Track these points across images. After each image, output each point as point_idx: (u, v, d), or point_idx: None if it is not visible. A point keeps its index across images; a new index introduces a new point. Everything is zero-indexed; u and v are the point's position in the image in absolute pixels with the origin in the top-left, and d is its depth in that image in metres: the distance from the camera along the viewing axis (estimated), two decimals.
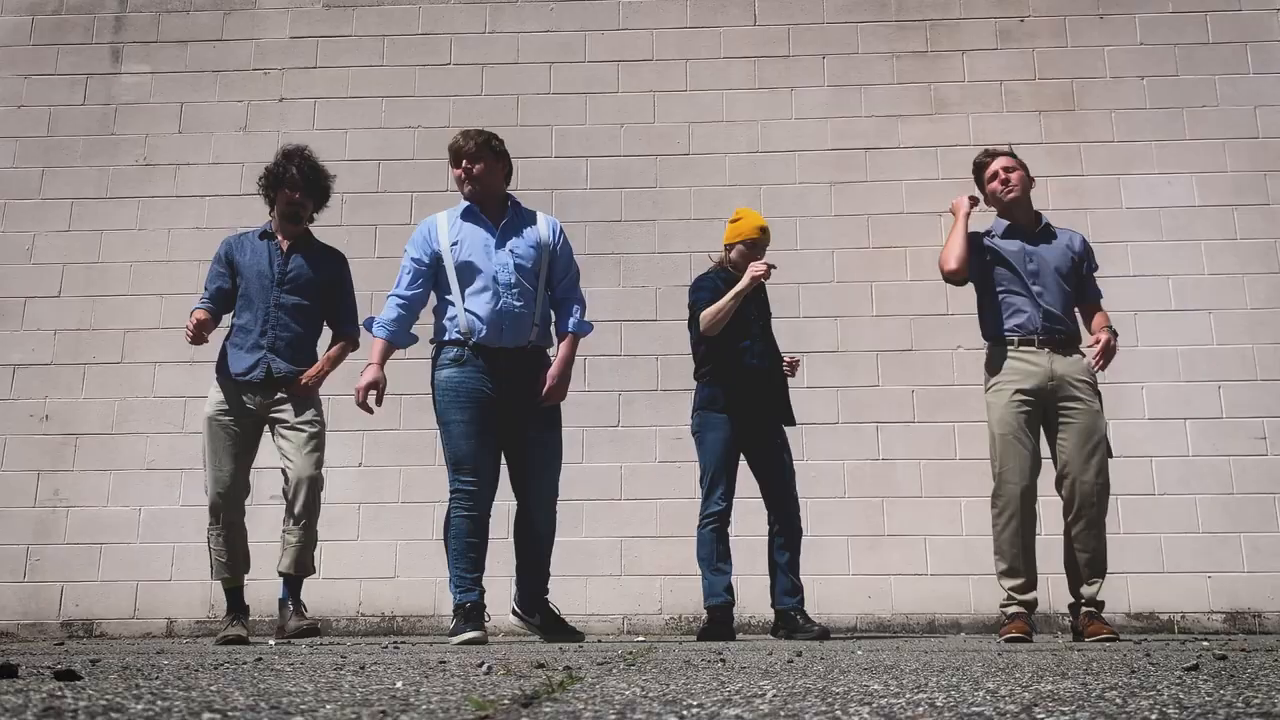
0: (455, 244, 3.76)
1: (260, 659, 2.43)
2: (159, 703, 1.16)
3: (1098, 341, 3.78)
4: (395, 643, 3.88)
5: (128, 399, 5.58)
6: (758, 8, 6.01)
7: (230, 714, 1.04)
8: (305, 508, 3.88)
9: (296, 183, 4.02)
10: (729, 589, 4.00)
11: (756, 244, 4.24)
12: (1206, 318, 5.41)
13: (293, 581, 3.93)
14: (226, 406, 3.92)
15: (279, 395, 3.94)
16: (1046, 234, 3.91)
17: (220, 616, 5.21)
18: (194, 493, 5.44)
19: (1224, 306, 5.42)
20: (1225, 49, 5.76)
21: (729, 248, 4.31)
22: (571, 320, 3.89)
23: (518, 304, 3.72)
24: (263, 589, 5.33)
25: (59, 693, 1.27)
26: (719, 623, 3.96)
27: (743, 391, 4.12)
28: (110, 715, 1.01)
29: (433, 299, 3.87)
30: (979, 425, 5.30)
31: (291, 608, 3.91)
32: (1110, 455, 3.74)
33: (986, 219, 4.02)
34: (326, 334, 4.23)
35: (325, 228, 5.63)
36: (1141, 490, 5.21)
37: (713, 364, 4.19)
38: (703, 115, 5.85)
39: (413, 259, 3.80)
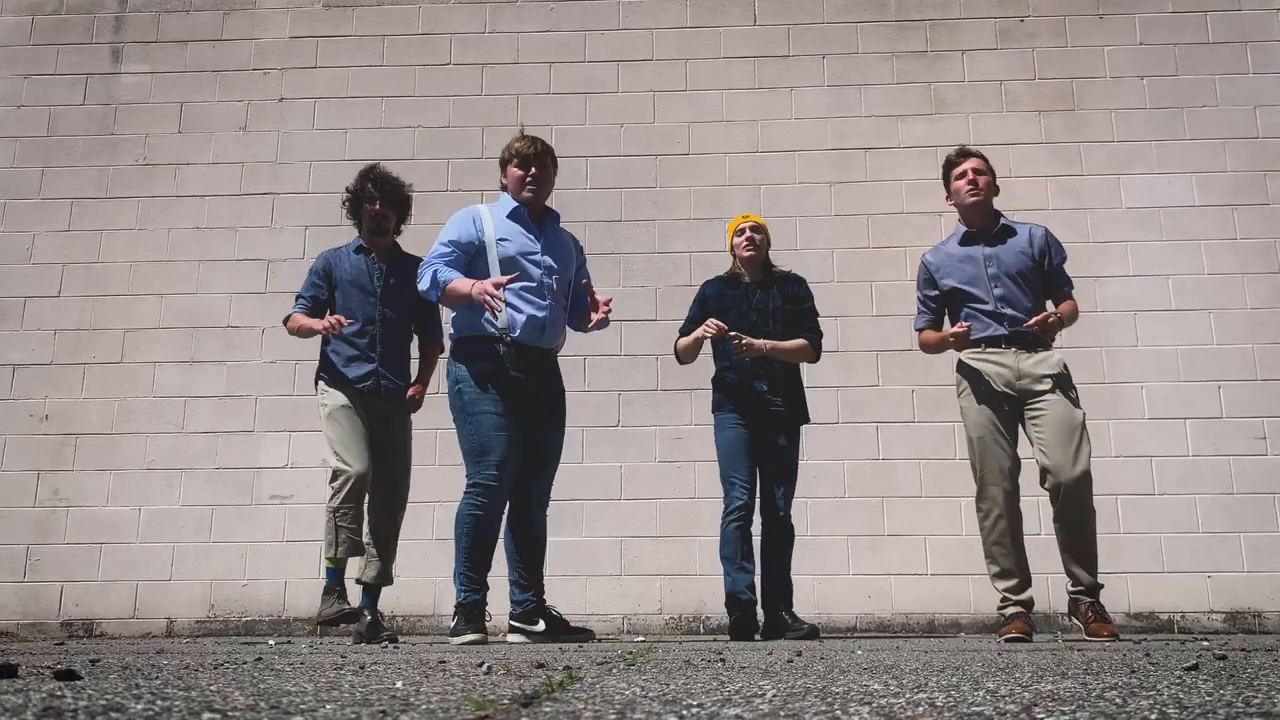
0: (502, 239, 3.78)
1: (260, 659, 2.43)
2: (159, 703, 1.16)
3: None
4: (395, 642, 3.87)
5: (128, 399, 5.58)
6: (758, 8, 6.01)
7: (230, 714, 1.04)
8: (394, 528, 4.04)
9: (374, 195, 4.14)
10: (751, 587, 3.99)
11: (740, 233, 4.29)
12: (1206, 318, 5.41)
13: (374, 591, 4.02)
14: (348, 402, 3.99)
15: (386, 407, 4.05)
16: (1005, 234, 3.91)
17: (221, 616, 5.22)
18: (194, 492, 5.45)
19: (1224, 306, 5.42)
20: (1225, 49, 5.76)
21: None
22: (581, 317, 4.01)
23: (557, 307, 3.83)
24: (264, 589, 5.34)
25: (59, 693, 1.27)
26: (744, 620, 3.95)
27: (737, 395, 4.16)
28: (110, 715, 1.01)
29: None
30: None
31: (369, 616, 3.98)
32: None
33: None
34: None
35: (326, 227, 5.64)
36: (1141, 490, 5.21)
37: (717, 366, 4.29)
38: (703, 115, 5.85)
39: (454, 242, 3.76)
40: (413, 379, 4.20)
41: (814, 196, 5.70)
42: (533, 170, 3.84)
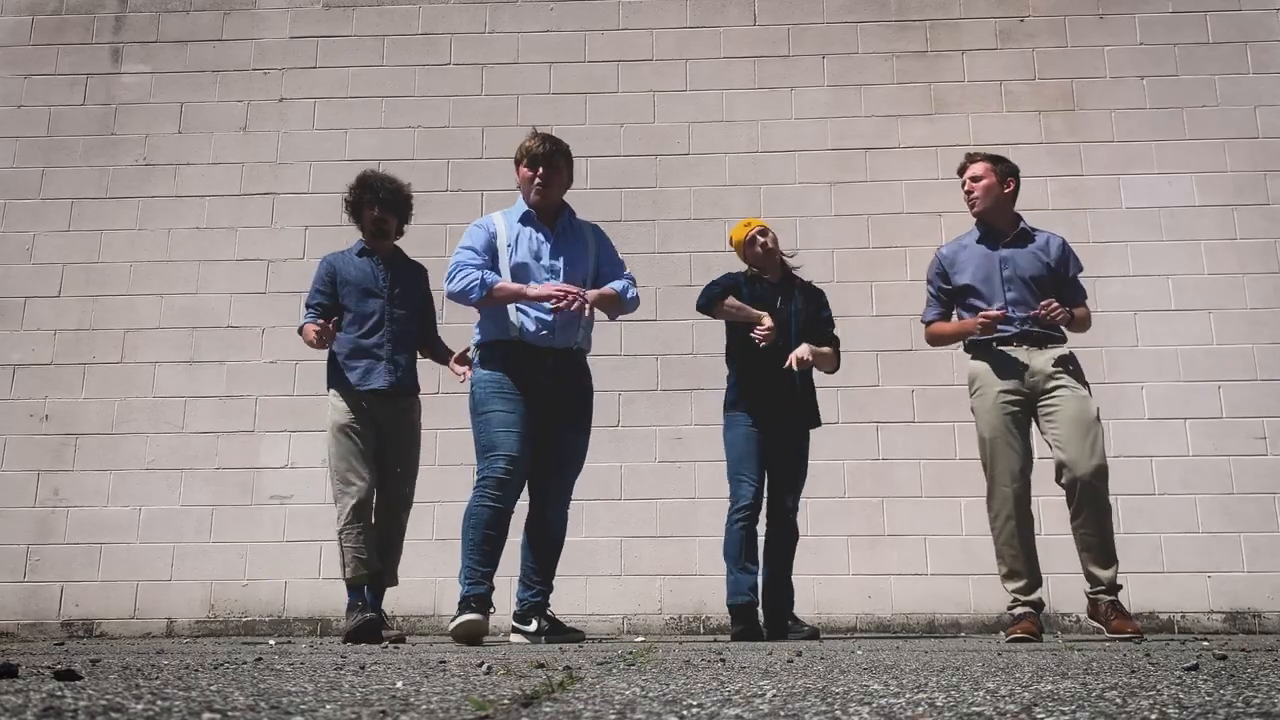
0: (510, 246, 3.78)
1: (260, 659, 2.43)
2: (159, 703, 1.16)
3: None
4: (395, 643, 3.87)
5: (128, 399, 5.58)
6: (758, 8, 6.01)
7: (230, 714, 1.04)
8: (398, 529, 4.11)
9: (373, 201, 4.16)
10: (754, 588, 3.98)
11: (753, 242, 4.25)
12: (1206, 318, 5.41)
13: (377, 591, 4.05)
14: (354, 415, 4.01)
15: (393, 408, 4.08)
16: (1023, 238, 3.90)
17: (221, 616, 5.22)
18: (194, 493, 5.45)
19: (1224, 306, 5.42)
20: (1225, 49, 5.76)
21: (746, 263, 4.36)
22: (623, 284, 3.91)
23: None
24: (264, 589, 5.34)
25: (59, 693, 1.27)
26: (746, 622, 3.93)
27: (759, 392, 4.12)
28: (110, 715, 1.01)
29: None
30: None
31: (387, 624, 4.06)
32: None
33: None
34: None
35: (326, 227, 5.65)
36: (1141, 490, 5.20)
37: (735, 361, 4.23)
38: (703, 115, 5.85)
39: (476, 250, 3.76)
40: (419, 382, 4.22)
41: (814, 196, 5.70)
42: (541, 170, 3.80)
